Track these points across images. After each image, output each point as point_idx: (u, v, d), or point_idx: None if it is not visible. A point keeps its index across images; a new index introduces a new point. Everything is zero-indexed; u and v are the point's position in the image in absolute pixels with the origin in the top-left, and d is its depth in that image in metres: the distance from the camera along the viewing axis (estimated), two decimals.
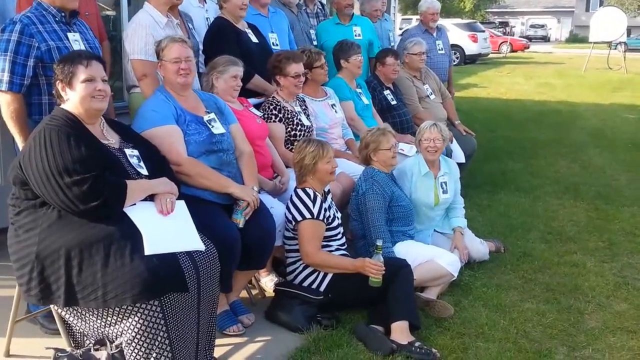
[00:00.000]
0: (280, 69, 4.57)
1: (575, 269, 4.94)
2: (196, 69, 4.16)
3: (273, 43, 5.43)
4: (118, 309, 2.72)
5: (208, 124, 3.68)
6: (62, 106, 3.04)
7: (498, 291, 4.46)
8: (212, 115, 3.74)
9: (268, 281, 4.31)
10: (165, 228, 2.92)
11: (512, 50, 36.32)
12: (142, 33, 4.18)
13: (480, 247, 4.85)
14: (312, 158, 3.85)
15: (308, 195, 3.86)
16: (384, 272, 3.68)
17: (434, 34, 7.39)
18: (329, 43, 6.30)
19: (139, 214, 2.89)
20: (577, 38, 57.04)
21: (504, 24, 50.21)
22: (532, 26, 57.18)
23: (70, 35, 3.66)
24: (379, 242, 3.74)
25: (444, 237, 4.82)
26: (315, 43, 6.40)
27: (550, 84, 19.57)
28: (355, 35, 6.45)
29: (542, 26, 57.73)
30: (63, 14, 3.60)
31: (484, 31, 28.13)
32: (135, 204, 2.94)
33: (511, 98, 16.09)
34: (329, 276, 3.84)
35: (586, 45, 47.91)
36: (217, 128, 3.70)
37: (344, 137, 5.28)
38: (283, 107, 4.59)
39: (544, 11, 63.08)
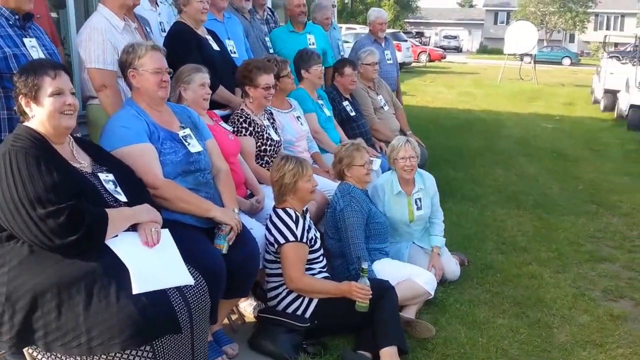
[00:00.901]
0: (250, 79, 4.17)
1: (534, 280, 4.85)
2: None
3: (231, 51, 5.01)
4: (105, 357, 2.30)
5: (184, 141, 3.24)
6: (26, 124, 2.57)
7: (470, 307, 4.30)
8: (187, 131, 3.30)
9: (247, 306, 3.92)
10: (153, 262, 2.52)
11: (430, 60, 36.84)
12: (98, 39, 3.68)
13: (455, 268, 4.65)
14: (292, 176, 3.49)
15: (290, 216, 3.51)
16: (371, 296, 3.39)
17: (383, 44, 7.18)
18: (284, 51, 5.99)
19: (123, 246, 2.48)
20: (486, 49, 58.96)
21: (420, 34, 50.99)
22: (445, 37, 58.27)
23: (26, 40, 3.16)
24: (365, 265, 3.45)
25: (422, 251, 4.62)
26: (271, 51, 6.06)
27: (471, 93, 19.89)
28: (310, 44, 6.15)
29: (455, 37, 59.02)
30: (17, 17, 3.08)
31: (406, 41, 28.39)
32: (117, 236, 2.52)
33: (438, 106, 16.18)
34: (315, 301, 3.50)
35: (495, 56, 49.77)
36: (194, 146, 3.26)
37: (310, 150, 4.93)
38: (253, 121, 4.21)
39: (456, 23, 64.87)
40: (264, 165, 4.25)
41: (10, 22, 3.06)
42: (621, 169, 9.31)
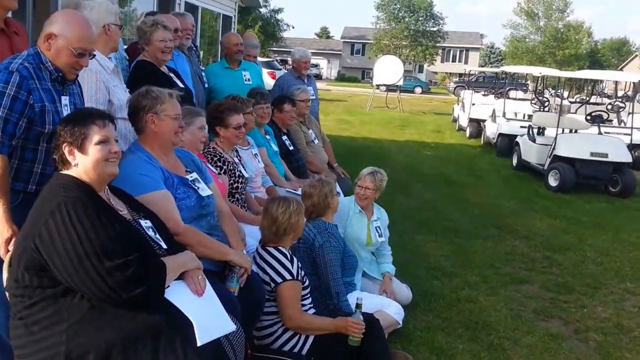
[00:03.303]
0: (221, 119, 4.16)
1: (473, 305, 5.16)
2: None
3: None
4: None
5: (193, 185, 3.18)
6: (66, 172, 2.43)
7: (430, 333, 4.51)
8: (195, 175, 3.25)
9: None
10: (206, 311, 2.45)
11: None
12: (92, 79, 3.49)
13: (407, 293, 4.83)
14: (296, 215, 3.50)
15: (284, 254, 3.49)
16: (364, 330, 3.46)
17: (305, 81, 7.32)
18: (218, 86, 6.05)
19: (179, 297, 2.39)
20: (344, 77, 61.36)
21: (284, 62, 51.83)
22: None
23: (63, 98, 2.95)
24: (360, 301, 3.52)
25: (372, 283, 4.74)
26: (207, 86, 6.00)
27: (347, 121, 20.45)
28: (245, 80, 6.18)
29: (316, 65, 60.69)
30: (60, 74, 2.85)
31: (280, 69, 28.74)
32: (168, 286, 2.41)
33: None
34: (311, 338, 3.49)
35: (353, 84, 51.73)
36: (203, 189, 3.21)
37: (264, 184, 4.96)
38: (225, 159, 4.17)
39: (316, 52, 66.70)
40: (235, 203, 4.20)
41: (53, 77, 2.84)
42: (505, 193, 10.13)
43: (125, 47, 5.02)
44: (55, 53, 2.80)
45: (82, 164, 2.41)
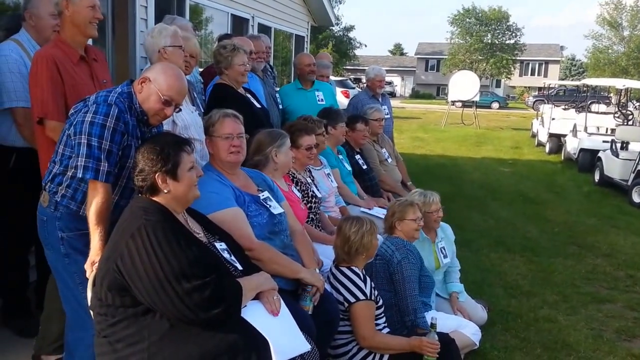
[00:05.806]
0: (292, 140, 4.23)
1: (552, 324, 5.02)
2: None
3: None
4: None
5: (265, 203, 3.29)
6: (152, 197, 2.54)
7: (508, 353, 4.43)
8: (266, 194, 3.36)
9: None
10: (281, 331, 2.51)
11: None
12: None
13: (482, 314, 4.75)
14: (369, 235, 3.52)
15: (357, 275, 3.52)
16: (439, 350, 3.45)
17: (380, 100, 7.37)
18: (292, 107, 6.19)
19: (256, 317, 2.46)
20: (418, 94, 60.99)
21: (358, 80, 52.15)
22: None
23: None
24: (434, 320, 3.51)
25: (447, 302, 4.70)
26: (281, 107, 6.15)
27: (421, 138, 20.33)
28: (319, 100, 6.29)
29: (390, 83, 60.62)
30: (146, 117, 2.97)
31: (354, 88, 28.95)
32: (245, 306, 2.50)
33: (398, 152, 16.49)
34: (386, 357, 3.50)
35: (428, 101, 51.31)
36: (275, 207, 3.31)
37: (337, 204, 5.02)
38: (299, 180, 4.26)
39: (390, 69, 66.72)
40: (309, 223, 4.28)
41: (139, 118, 2.95)
42: (587, 210, 9.78)
43: (201, 70, 5.22)
44: (145, 96, 2.89)
45: (174, 190, 2.51)
